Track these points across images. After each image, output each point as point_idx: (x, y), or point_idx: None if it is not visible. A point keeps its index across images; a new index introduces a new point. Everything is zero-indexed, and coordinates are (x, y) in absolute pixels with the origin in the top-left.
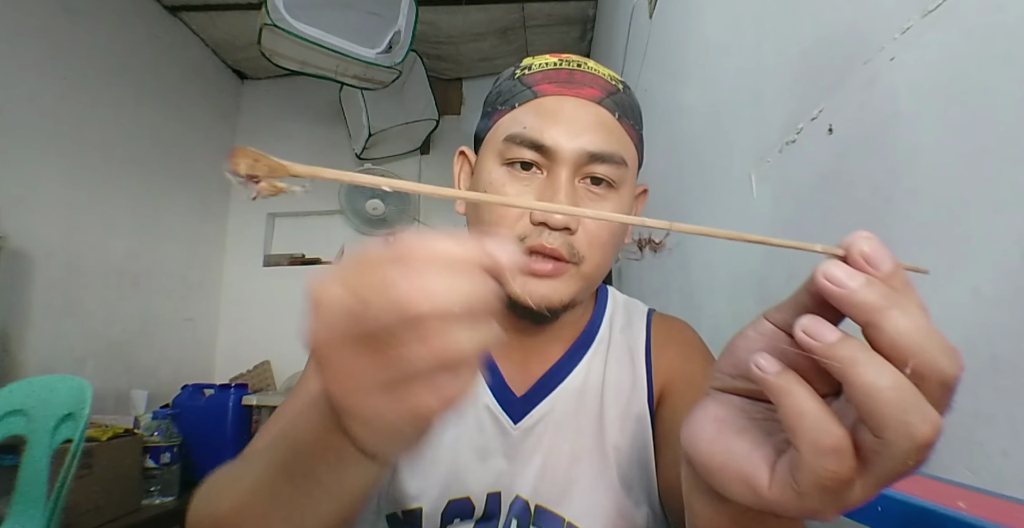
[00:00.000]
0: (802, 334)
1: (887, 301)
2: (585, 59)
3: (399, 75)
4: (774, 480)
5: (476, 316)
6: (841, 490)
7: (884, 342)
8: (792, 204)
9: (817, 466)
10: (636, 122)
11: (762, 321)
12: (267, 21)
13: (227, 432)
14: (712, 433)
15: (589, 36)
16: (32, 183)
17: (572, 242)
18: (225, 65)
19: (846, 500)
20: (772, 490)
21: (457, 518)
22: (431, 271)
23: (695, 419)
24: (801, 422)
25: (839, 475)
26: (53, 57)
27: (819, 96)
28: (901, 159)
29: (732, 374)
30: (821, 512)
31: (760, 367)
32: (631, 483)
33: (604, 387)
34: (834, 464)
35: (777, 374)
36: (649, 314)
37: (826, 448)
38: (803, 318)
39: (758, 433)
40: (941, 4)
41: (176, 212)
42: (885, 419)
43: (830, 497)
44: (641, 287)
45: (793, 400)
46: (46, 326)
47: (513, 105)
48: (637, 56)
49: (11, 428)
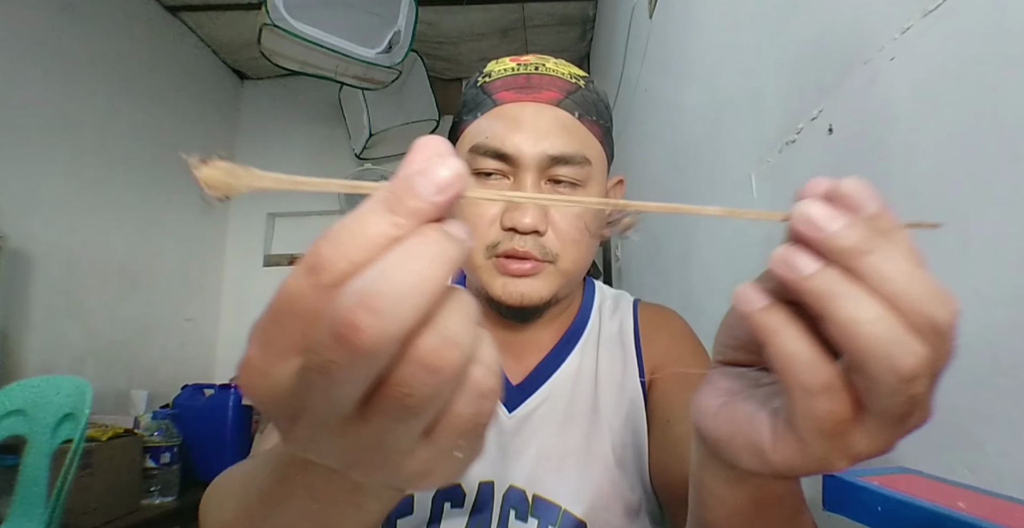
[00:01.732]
0: (777, 265)
1: (869, 244)
2: (544, 59)
3: (399, 75)
4: (775, 436)
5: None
6: (841, 433)
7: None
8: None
9: (810, 408)
10: (600, 117)
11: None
12: (267, 21)
13: (227, 432)
14: (718, 405)
15: (589, 36)
16: (32, 183)
17: (543, 243)
18: (225, 65)
19: (852, 447)
20: (775, 448)
21: (447, 503)
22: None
23: (702, 394)
24: (790, 364)
25: (834, 414)
26: (53, 57)
27: (819, 96)
28: (901, 159)
29: (733, 345)
30: (829, 461)
31: (743, 301)
32: (626, 467)
33: (598, 374)
34: (827, 403)
35: (763, 310)
36: (635, 303)
37: (815, 387)
38: (778, 249)
39: (761, 398)
40: (941, 4)
41: (176, 212)
42: (867, 354)
43: (832, 442)
44: (641, 287)
45: (780, 338)
46: (46, 326)
47: (476, 115)
48: (637, 56)
49: (11, 428)
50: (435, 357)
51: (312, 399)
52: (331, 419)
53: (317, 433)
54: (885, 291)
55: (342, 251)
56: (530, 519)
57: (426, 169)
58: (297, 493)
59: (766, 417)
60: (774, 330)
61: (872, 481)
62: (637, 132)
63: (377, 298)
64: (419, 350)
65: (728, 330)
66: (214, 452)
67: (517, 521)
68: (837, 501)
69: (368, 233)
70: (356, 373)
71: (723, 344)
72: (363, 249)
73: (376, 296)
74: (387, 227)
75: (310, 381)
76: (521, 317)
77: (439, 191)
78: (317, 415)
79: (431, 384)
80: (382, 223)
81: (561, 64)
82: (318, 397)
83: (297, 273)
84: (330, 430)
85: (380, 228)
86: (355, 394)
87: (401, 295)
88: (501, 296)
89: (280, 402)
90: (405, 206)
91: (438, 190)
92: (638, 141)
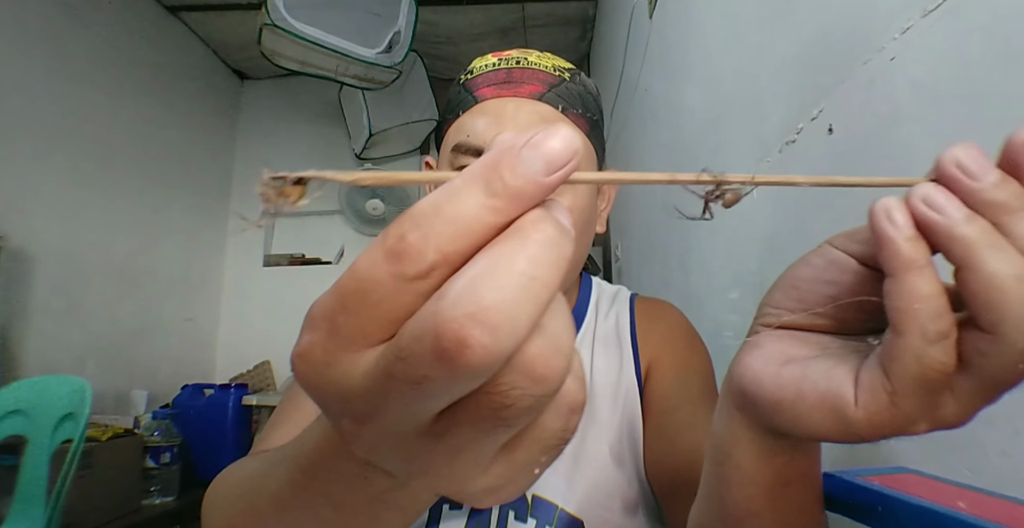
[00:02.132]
0: (921, 205)
1: (1021, 201)
2: (527, 53)
3: (399, 75)
4: (861, 390)
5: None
6: (938, 391)
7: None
8: (792, 204)
9: (923, 354)
10: (586, 110)
11: (828, 248)
12: (267, 21)
13: (227, 432)
14: (777, 366)
15: (589, 36)
16: (32, 183)
17: None
18: (225, 65)
19: (940, 408)
20: (860, 402)
21: (446, 505)
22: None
23: (752, 357)
24: (915, 303)
25: (944, 366)
26: (53, 57)
27: (819, 96)
28: (901, 159)
29: (792, 308)
30: (913, 421)
31: (892, 220)
32: (623, 463)
33: (593, 373)
34: (940, 352)
35: (909, 239)
36: (632, 297)
37: (934, 333)
38: (923, 186)
39: (833, 356)
40: (941, 4)
41: (176, 212)
42: (1004, 311)
43: (927, 398)
44: (641, 287)
45: (917, 277)
46: (46, 326)
47: (458, 113)
48: (637, 56)
49: (11, 428)
50: (542, 366)
51: (390, 406)
52: (408, 427)
53: (387, 439)
54: None
55: (432, 239)
56: (529, 519)
57: (536, 141)
58: (314, 501)
59: (847, 371)
60: (916, 265)
61: (872, 481)
62: (637, 132)
63: (491, 311)
64: (526, 357)
65: (793, 291)
66: (214, 452)
67: (516, 522)
68: (837, 501)
69: (463, 218)
70: (453, 390)
71: (782, 306)
72: (457, 238)
73: (489, 308)
74: (485, 212)
75: (393, 389)
76: None
77: (550, 168)
78: (392, 423)
79: (533, 395)
80: (479, 207)
81: (545, 57)
82: (398, 406)
83: (374, 257)
84: (403, 437)
85: (477, 213)
86: (443, 406)
87: (518, 307)
88: None
89: (346, 401)
90: (508, 186)
91: (549, 168)
92: (638, 141)
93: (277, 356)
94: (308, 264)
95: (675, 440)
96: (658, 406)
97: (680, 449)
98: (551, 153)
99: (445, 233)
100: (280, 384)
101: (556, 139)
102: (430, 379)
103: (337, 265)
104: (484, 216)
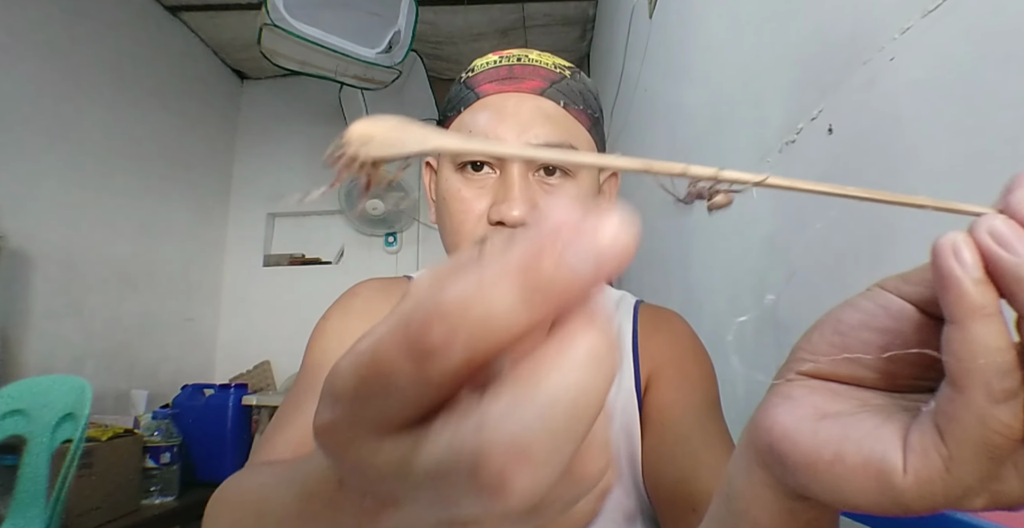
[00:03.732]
0: (988, 239)
1: None
2: (527, 51)
3: (399, 75)
4: (911, 453)
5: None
6: (1003, 459)
7: None
8: (792, 204)
9: (988, 414)
10: (587, 106)
11: (880, 292)
12: (267, 21)
13: (227, 432)
14: (812, 423)
15: (589, 36)
16: (32, 183)
17: None
18: (225, 65)
19: (1002, 481)
20: (909, 468)
21: None
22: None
23: (782, 410)
24: (983, 356)
25: (1012, 431)
26: (53, 57)
27: (819, 96)
28: (901, 159)
29: (835, 356)
30: (971, 493)
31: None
32: (621, 473)
33: None
34: (1007, 413)
35: (977, 282)
36: (637, 304)
37: (1003, 392)
38: (991, 217)
39: (879, 414)
40: (941, 4)
41: (176, 212)
42: None
43: (988, 466)
44: (641, 287)
45: (983, 326)
46: (46, 326)
47: (459, 110)
48: (637, 56)
49: (11, 428)
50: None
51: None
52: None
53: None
54: None
55: (462, 339)
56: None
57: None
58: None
59: (896, 432)
60: (983, 313)
61: None
62: (637, 132)
63: (534, 446)
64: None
65: (837, 337)
66: (214, 452)
67: None
68: None
69: (496, 319)
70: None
71: (823, 352)
72: (489, 342)
73: (533, 444)
74: (521, 314)
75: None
76: None
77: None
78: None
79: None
80: (515, 306)
81: (545, 55)
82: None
83: (395, 345)
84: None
85: (513, 315)
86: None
87: (564, 437)
88: None
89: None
90: (549, 285)
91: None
92: (638, 141)
93: (277, 356)
94: (308, 264)
95: (675, 453)
96: (658, 418)
97: (681, 463)
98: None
99: (476, 334)
100: (280, 384)
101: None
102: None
103: (337, 265)
104: (522, 319)
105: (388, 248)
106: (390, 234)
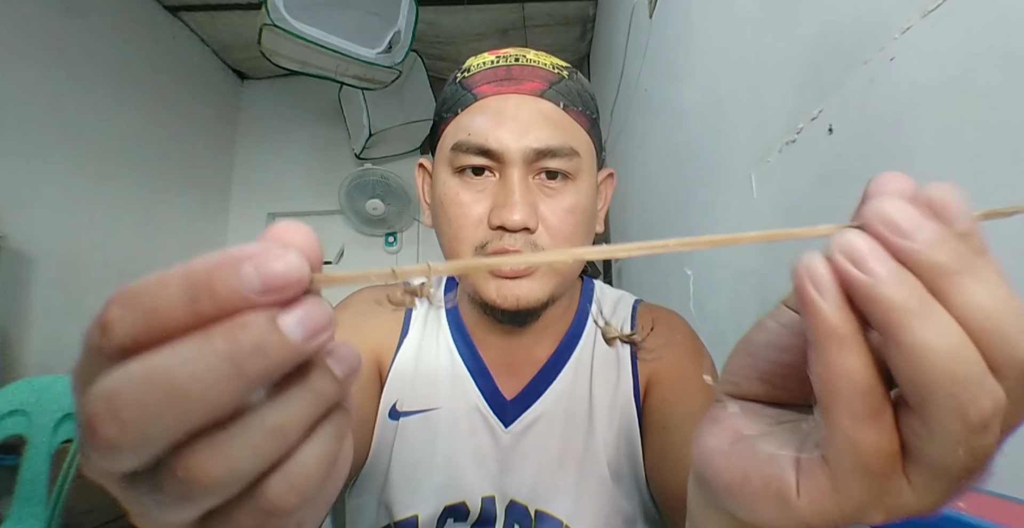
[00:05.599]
0: (841, 258)
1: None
2: (525, 51)
3: (399, 75)
4: (801, 473)
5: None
6: (884, 475)
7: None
8: (792, 204)
9: (854, 435)
10: (586, 107)
11: (784, 310)
12: (267, 21)
13: None
14: (727, 444)
15: (589, 36)
16: (32, 183)
17: (534, 241)
18: (225, 65)
19: (893, 495)
20: (801, 490)
21: (451, 519)
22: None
23: (706, 433)
24: (840, 380)
25: (881, 447)
26: (53, 57)
27: (819, 96)
28: (901, 159)
29: (749, 376)
30: (863, 509)
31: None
32: (621, 478)
33: (592, 385)
34: (872, 433)
35: (834, 307)
36: (635, 304)
37: (863, 412)
38: (845, 233)
39: (783, 436)
40: (941, 4)
41: (176, 212)
42: (932, 389)
43: (871, 483)
44: (641, 287)
45: (839, 348)
46: (46, 326)
47: (456, 111)
48: (637, 56)
49: (11, 428)
50: (271, 502)
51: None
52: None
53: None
54: (970, 319)
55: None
56: None
57: (268, 254)
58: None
59: (791, 455)
60: (838, 337)
61: None
62: (637, 132)
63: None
64: (262, 491)
65: (748, 358)
66: None
67: None
68: None
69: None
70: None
71: (738, 374)
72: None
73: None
74: (183, 312)
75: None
76: (518, 321)
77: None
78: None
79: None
80: (180, 305)
81: (543, 55)
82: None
83: (96, 318)
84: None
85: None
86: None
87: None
88: (496, 300)
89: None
90: (213, 299)
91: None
92: (638, 141)
93: None
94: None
95: (678, 457)
96: (660, 421)
97: (683, 466)
98: (271, 277)
99: (139, 320)
100: None
101: (280, 263)
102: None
103: (337, 265)
104: (181, 316)
105: (388, 248)
106: (390, 234)
